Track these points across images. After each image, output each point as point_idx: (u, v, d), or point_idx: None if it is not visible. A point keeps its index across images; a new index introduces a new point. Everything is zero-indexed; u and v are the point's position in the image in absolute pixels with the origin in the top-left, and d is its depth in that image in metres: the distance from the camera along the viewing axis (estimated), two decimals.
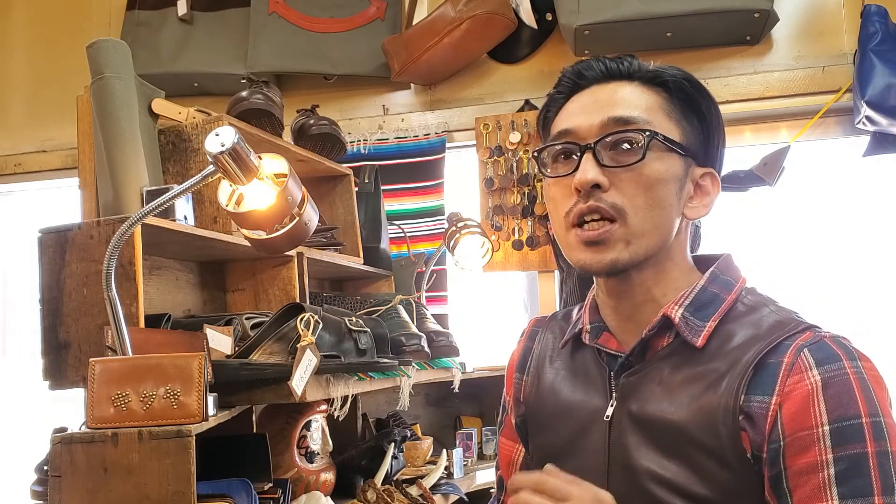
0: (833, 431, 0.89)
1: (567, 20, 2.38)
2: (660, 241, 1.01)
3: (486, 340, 2.69)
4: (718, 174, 1.07)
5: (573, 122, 1.04)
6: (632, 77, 1.05)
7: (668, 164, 1.01)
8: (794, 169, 2.35)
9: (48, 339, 1.42)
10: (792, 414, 0.90)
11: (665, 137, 1.00)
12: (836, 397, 0.89)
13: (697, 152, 1.04)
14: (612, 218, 0.99)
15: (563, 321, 1.19)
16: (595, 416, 1.05)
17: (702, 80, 1.09)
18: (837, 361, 0.92)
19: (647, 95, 1.03)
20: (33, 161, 3.04)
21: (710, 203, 1.05)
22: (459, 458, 2.20)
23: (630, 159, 0.99)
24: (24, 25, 3.15)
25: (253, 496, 1.32)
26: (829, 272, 2.52)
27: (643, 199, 0.99)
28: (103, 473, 1.10)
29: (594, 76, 1.06)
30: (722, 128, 1.08)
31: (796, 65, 2.44)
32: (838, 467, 0.87)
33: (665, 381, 1.00)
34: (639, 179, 0.99)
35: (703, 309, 1.01)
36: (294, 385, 1.26)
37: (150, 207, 1.20)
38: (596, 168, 0.99)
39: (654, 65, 1.07)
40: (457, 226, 2.33)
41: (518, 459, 1.21)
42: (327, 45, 2.68)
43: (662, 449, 0.97)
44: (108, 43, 1.65)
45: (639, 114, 1.01)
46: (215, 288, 1.87)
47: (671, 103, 1.03)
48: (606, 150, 1.00)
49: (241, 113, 1.87)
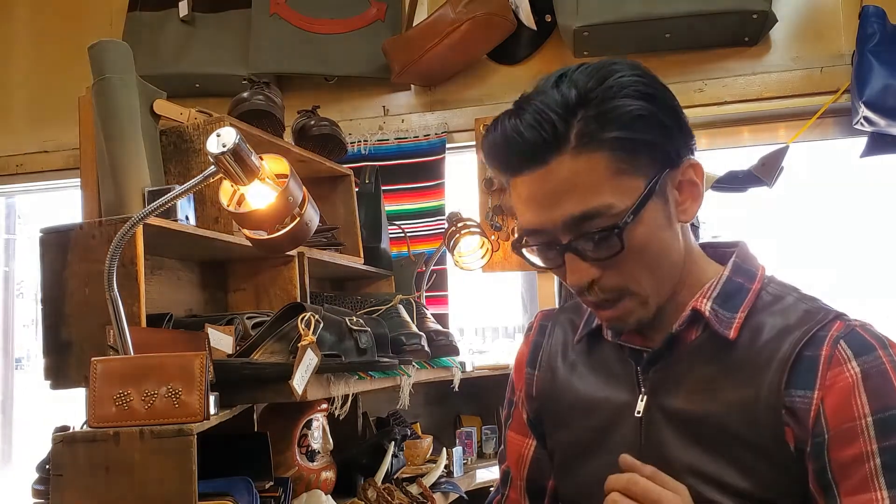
0: (877, 422, 0.89)
1: (566, 21, 2.39)
2: (673, 279, 1.00)
3: (486, 341, 2.69)
4: (692, 153, 0.99)
5: (535, 219, 0.96)
6: (561, 148, 0.92)
7: (647, 219, 0.94)
8: (791, 169, 2.35)
9: (50, 339, 1.42)
10: (835, 407, 0.91)
11: (634, 210, 0.92)
12: (876, 388, 0.90)
13: (664, 162, 0.95)
14: (621, 296, 0.98)
15: (573, 314, 1.16)
16: (623, 411, 1.04)
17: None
18: (873, 352, 0.92)
19: (589, 165, 0.92)
20: (35, 161, 3.04)
21: (699, 194, 1.00)
22: (459, 457, 2.21)
23: (611, 251, 0.94)
24: (25, 26, 3.16)
25: (254, 495, 1.33)
26: (829, 272, 2.53)
27: (641, 270, 0.97)
28: (105, 472, 1.10)
29: (522, 161, 0.95)
30: (680, 112, 0.97)
31: (794, 66, 2.44)
32: (884, 457, 0.88)
33: (697, 375, 0.99)
34: (628, 258, 0.95)
35: (731, 300, 1.00)
36: (295, 384, 1.26)
37: (151, 208, 1.20)
38: (583, 265, 0.96)
39: (563, 120, 0.92)
40: (457, 226, 2.33)
41: (529, 454, 1.20)
42: (328, 46, 2.69)
43: (700, 443, 0.97)
44: (110, 44, 1.66)
45: (595, 203, 0.92)
46: (216, 288, 1.88)
47: (618, 156, 0.92)
48: (584, 243, 0.95)
49: (242, 114, 1.87)
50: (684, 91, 2.47)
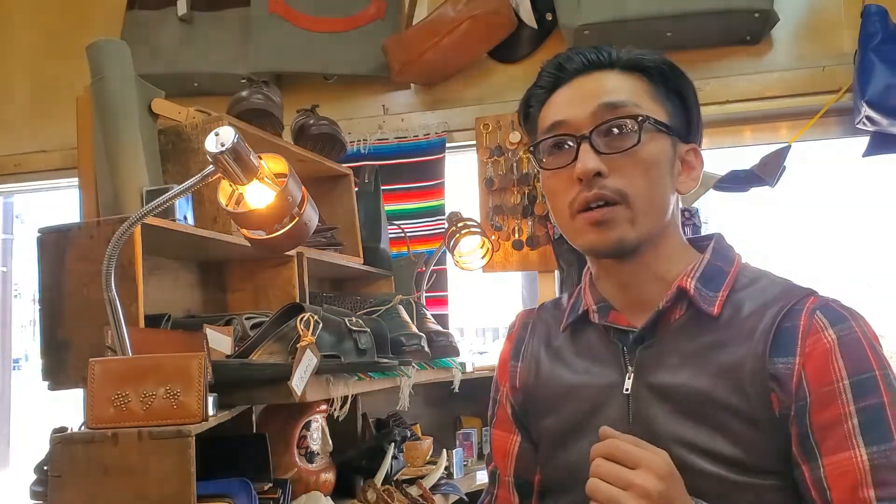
0: (853, 385, 0.96)
1: (567, 20, 2.38)
2: (660, 219, 1.07)
3: (486, 341, 2.69)
4: (699, 144, 1.14)
5: (564, 113, 1.08)
6: (612, 65, 1.09)
7: (660, 145, 1.07)
8: (793, 169, 2.35)
9: (48, 339, 1.42)
10: (815, 371, 0.97)
11: (655, 120, 1.06)
12: (851, 353, 0.97)
13: (681, 130, 1.10)
14: (616, 202, 1.04)
15: (555, 309, 1.23)
16: (611, 390, 1.08)
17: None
18: (847, 322, 1.00)
19: (630, 81, 1.08)
20: (33, 161, 3.04)
21: (697, 177, 1.12)
22: (459, 459, 2.20)
23: (626, 144, 1.04)
24: (24, 25, 3.15)
25: (253, 496, 1.32)
26: (828, 272, 2.52)
27: (642, 180, 1.05)
28: (103, 473, 1.10)
29: (575, 68, 1.10)
30: (698, 106, 1.13)
31: (796, 65, 2.44)
32: (861, 417, 0.95)
33: (682, 351, 1.05)
34: (636, 163, 1.04)
35: (712, 280, 1.07)
36: (294, 385, 1.26)
37: (149, 207, 1.20)
38: (595, 157, 1.04)
39: (631, 51, 1.10)
40: (457, 226, 2.32)
41: (514, 450, 1.23)
42: (327, 44, 2.68)
43: (687, 415, 1.01)
44: (108, 43, 1.65)
45: (627, 98, 1.06)
46: (215, 288, 1.87)
47: (654, 86, 1.09)
48: (602, 137, 1.05)
49: (240, 113, 1.87)
50: None
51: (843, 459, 0.95)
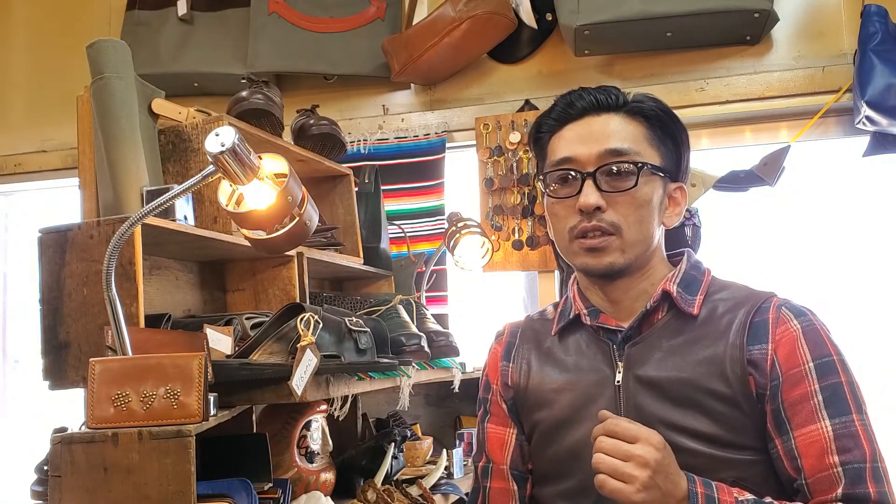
0: (817, 367, 1.14)
1: (567, 20, 2.38)
2: (646, 248, 1.24)
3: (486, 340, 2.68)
4: (685, 182, 1.31)
5: (573, 150, 1.24)
6: (618, 109, 1.25)
7: (653, 187, 1.23)
8: (793, 169, 2.34)
9: (48, 339, 1.42)
10: (785, 355, 1.15)
11: (652, 165, 1.22)
12: (813, 340, 1.16)
13: (672, 171, 1.27)
14: (611, 233, 1.21)
15: (542, 319, 1.38)
16: (602, 384, 1.23)
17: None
18: (807, 315, 1.19)
19: (632, 126, 1.24)
20: (33, 161, 3.04)
21: (680, 212, 1.30)
22: (459, 458, 2.20)
23: (625, 185, 1.21)
24: (23, 25, 3.16)
25: (253, 496, 1.32)
26: (828, 272, 2.52)
27: (634, 217, 1.21)
28: (103, 473, 1.10)
29: (585, 107, 1.25)
30: (689, 147, 1.30)
31: (796, 65, 2.44)
32: (824, 394, 1.12)
33: (666, 347, 1.21)
34: (631, 202, 1.21)
35: (690, 286, 1.25)
36: (294, 385, 1.26)
37: (150, 207, 1.20)
38: (596, 193, 1.20)
39: (633, 95, 1.27)
40: (457, 226, 2.32)
41: (512, 441, 1.35)
42: (327, 45, 2.68)
43: (673, 400, 1.17)
44: (108, 43, 1.65)
45: (629, 145, 1.22)
46: (215, 288, 1.87)
47: (651, 131, 1.25)
48: (604, 176, 1.21)
49: (241, 113, 1.87)
50: (685, 90, 2.47)
51: (810, 431, 1.11)
